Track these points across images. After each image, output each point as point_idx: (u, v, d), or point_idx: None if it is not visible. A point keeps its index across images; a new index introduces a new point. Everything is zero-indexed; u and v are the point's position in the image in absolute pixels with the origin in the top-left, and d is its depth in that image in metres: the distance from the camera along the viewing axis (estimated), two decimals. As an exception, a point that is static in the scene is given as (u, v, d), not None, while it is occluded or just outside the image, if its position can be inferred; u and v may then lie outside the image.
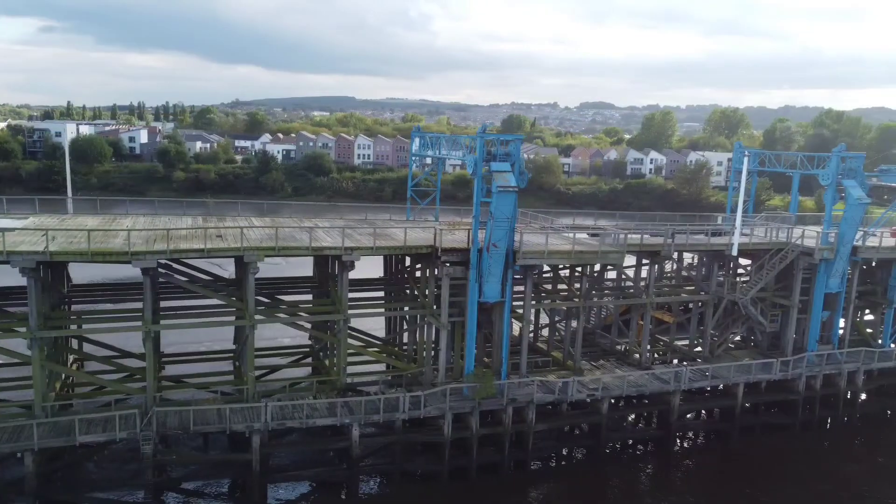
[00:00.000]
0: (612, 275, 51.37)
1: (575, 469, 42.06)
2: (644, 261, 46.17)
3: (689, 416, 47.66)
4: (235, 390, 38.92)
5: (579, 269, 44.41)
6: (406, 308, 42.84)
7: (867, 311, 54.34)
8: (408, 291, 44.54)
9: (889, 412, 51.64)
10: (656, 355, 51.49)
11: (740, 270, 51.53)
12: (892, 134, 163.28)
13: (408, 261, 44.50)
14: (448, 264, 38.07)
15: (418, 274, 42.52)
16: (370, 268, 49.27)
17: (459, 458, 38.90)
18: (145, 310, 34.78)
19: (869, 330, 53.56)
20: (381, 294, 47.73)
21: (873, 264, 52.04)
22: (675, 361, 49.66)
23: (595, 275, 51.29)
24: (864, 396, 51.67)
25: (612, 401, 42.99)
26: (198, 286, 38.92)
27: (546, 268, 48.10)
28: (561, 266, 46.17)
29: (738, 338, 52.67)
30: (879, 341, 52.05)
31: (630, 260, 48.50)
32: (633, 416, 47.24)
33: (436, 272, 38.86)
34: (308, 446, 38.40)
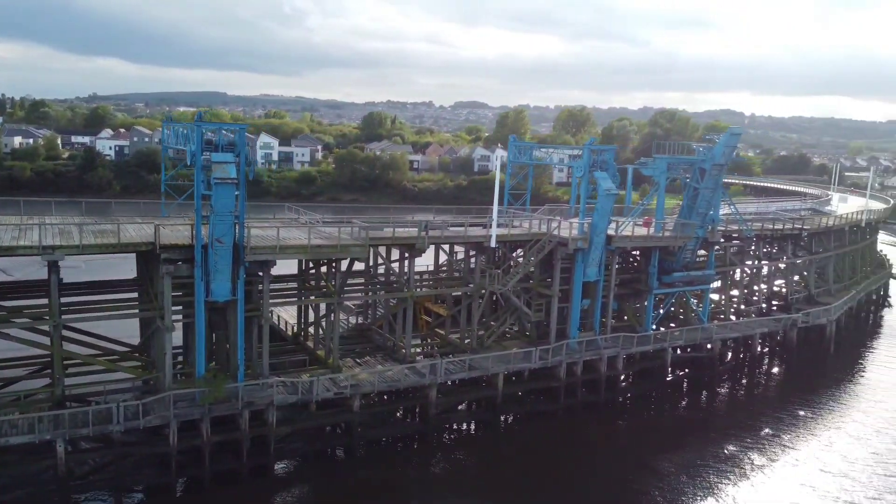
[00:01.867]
0: (381, 269, 50.64)
1: (326, 470, 40.73)
2: (406, 254, 45.73)
3: (460, 407, 47.84)
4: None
5: (335, 263, 43.19)
6: (131, 311, 39.90)
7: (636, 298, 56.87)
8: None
9: (650, 393, 54.15)
10: (435, 349, 51.42)
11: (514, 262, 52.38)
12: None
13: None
14: (170, 262, 35.72)
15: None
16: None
17: (193, 467, 36.63)
18: None
19: (638, 315, 56.10)
20: (135, 296, 44.64)
21: (635, 253, 54.58)
22: (451, 355, 49.60)
23: (370, 269, 50.68)
24: (630, 380, 54.15)
25: (371, 398, 42.29)
26: None
27: (311, 264, 46.71)
28: (323, 261, 44.80)
29: (515, 328, 53.52)
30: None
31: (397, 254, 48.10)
32: (400, 411, 46.61)
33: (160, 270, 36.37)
34: (10, 468, 34.64)
